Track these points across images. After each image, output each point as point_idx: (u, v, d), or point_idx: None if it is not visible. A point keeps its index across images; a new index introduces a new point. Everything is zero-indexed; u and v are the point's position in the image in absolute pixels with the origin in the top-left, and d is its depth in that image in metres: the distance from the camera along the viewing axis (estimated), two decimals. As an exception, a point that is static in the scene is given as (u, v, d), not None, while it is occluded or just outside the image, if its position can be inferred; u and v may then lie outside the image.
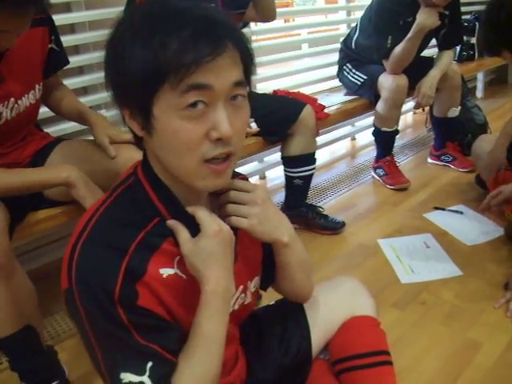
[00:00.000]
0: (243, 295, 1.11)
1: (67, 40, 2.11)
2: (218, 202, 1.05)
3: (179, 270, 0.95)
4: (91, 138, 1.80)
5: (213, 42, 0.82)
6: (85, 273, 0.87)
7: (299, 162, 2.52)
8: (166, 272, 0.92)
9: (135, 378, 0.87)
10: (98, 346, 0.89)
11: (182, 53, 0.81)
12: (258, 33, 3.30)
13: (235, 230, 1.03)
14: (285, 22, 4.70)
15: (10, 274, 1.48)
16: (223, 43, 0.84)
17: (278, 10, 2.67)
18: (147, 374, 0.87)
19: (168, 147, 0.88)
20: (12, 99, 1.61)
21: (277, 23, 3.77)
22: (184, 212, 0.96)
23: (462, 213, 2.74)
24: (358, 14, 3.51)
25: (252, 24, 3.14)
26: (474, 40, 4.66)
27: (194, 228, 0.95)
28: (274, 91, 2.91)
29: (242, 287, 1.09)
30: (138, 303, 0.87)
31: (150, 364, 0.88)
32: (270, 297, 1.37)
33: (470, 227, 2.59)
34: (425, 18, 2.79)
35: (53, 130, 2.11)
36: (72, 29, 2.35)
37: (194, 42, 0.81)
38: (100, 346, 0.89)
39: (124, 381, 0.87)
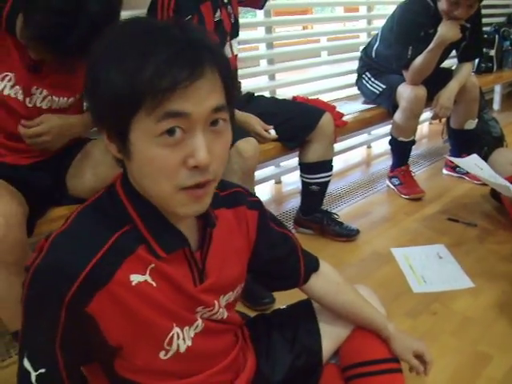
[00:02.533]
0: (221, 309, 1.08)
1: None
2: None
3: (150, 278, 0.93)
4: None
5: (190, 67, 0.79)
6: (47, 263, 0.87)
7: (316, 169, 2.54)
8: (136, 279, 0.91)
9: (29, 368, 0.90)
10: (24, 322, 0.92)
11: (157, 78, 0.77)
12: (277, 39, 3.32)
13: (207, 249, 1.03)
14: (303, 29, 4.71)
15: None
16: (201, 67, 0.80)
17: (299, 16, 2.69)
18: (36, 374, 0.90)
19: (144, 173, 0.86)
20: (45, 91, 1.66)
21: (296, 29, 3.80)
22: (163, 222, 0.95)
23: (476, 225, 2.75)
24: (379, 23, 3.52)
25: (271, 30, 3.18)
26: (492, 52, 4.65)
27: (175, 238, 0.96)
28: (294, 97, 2.93)
29: (217, 302, 1.07)
30: (86, 309, 0.86)
31: (43, 370, 0.90)
32: (282, 300, 1.39)
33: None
34: (446, 31, 2.81)
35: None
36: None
37: (169, 66, 0.78)
38: (24, 323, 0.92)
39: (24, 363, 0.91)
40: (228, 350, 1.15)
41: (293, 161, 3.12)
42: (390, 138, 3.24)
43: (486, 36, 4.61)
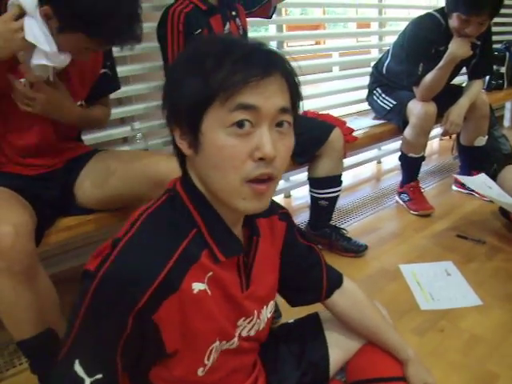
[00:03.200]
0: (258, 320, 1.12)
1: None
2: None
3: (207, 286, 0.96)
4: (125, 148, 1.84)
5: (262, 65, 0.87)
6: (119, 269, 0.88)
7: (325, 184, 2.54)
8: (197, 287, 0.94)
9: (82, 374, 0.89)
10: (78, 329, 0.90)
11: (232, 73, 0.85)
12: (288, 53, 3.34)
13: (254, 254, 1.08)
14: (315, 43, 4.74)
15: (34, 277, 1.51)
16: (271, 67, 0.88)
17: (310, 32, 2.72)
18: (92, 379, 0.89)
19: (213, 163, 0.90)
20: None
21: (308, 43, 3.82)
22: (224, 227, 0.98)
23: (484, 242, 2.74)
24: (390, 39, 3.54)
25: (284, 45, 3.20)
26: (503, 69, 4.65)
27: (234, 244, 1.00)
28: (304, 112, 2.94)
29: (256, 312, 1.10)
30: (153, 317, 0.88)
31: (99, 376, 0.90)
32: (288, 315, 1.39)
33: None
34: (457, 48, 2.82)
35: (87, 138, 2.17)
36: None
37: (244, 64, 0.86)
38: (80, 330, 0.90)
39: (75, 368, 0.89)
40: (249, 370, 1.18)
41: (302, 175, 3.12)
42: (399, 153, 3.25)
43: (496, 53, 4.62)
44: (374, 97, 3.36)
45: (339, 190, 2.59)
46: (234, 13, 2.35)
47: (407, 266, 2.52)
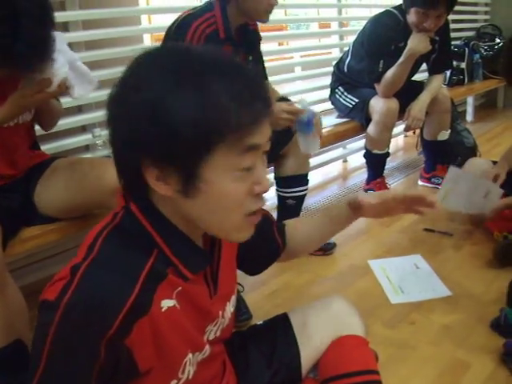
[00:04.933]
0: (222, 320, 1.09)
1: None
2: None
3: (176, 302, 0.91)
4: (87, 155, 1.81)
5: (264, 101, 0.83)
6: (84, 296, 0.80)
7: (292, 183, 2.54)
8: (166, 304, 0.89)
9: None
10: (46, 363, 0.82)
11: (241, 112, 0.78)
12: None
13: (218, 258, 1.05)
14: (279, 45, 4.75)
15: (2, 287, 1.49)
16: (267, 99, 0.84)
17: (273, 33, 2.72)
18: None
19: (213, 209, 0.85)
20: None
21: (271, 46, 3.83)
22: (188, 244, 0.93)
23: (452, 234, 2.77)
24: (351, 39, 3.56)
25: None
26: (463, 65, 4.75)
27: (200, 258, 0.96)
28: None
29: (221, 312, 1.08)
30: (125, 341, 0.82)
31: None
32: (259, 316, 1.38)
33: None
34: (416, 43, 2.86)
35: (48, 148, 2.13)
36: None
37: (251, 101, 0.80)
38: (48, 364, 0.82)
39: None
40: (220, 374, 1.16)
41: (268, 176, 3.11)
42: (364, 151, 3.26)
43: (456, 49, 4.72)
44: (337, 95, 3.38)
45: (306, 189, 2.59)
46: (250, 57, 2.39)
47: (376, 262, 2.53)
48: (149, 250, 0.88)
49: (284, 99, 2.51)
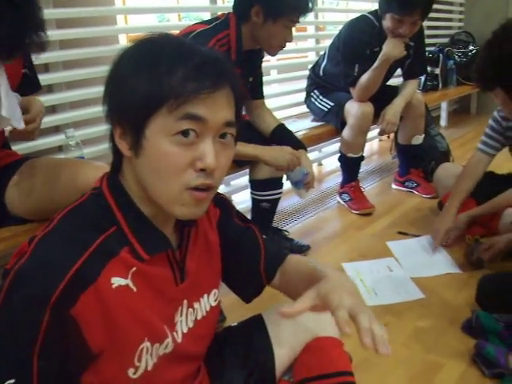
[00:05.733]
0: (194, 310, 1.11)
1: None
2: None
3: (131, 282, 0.95)
4: (60, 156, 1.79)
5: (214, 77, 0.88)
6: (31, 263, 0.87)
7: (267, 186, 2.53)
8: (116, 282, 0.92)
9: None
10: None
11: (184, 81, 0.86)
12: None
13: (186, 248, 1.07)
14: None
15: None
16: (222, 81, 0.90)
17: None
18: None
19: (154, 169, 0.91)
20: None
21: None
22: (147, 225, 0.98)
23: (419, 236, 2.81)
24: (327, 43, 3.58)
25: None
26: (437, 71, 4.82)
27: (159, 241, 0.99)
28: (242, 115, 2.93)
29: (186, 301, 1.08)
30: (70, 311, 0.86)
31: (12, 381, 0.84)
32: (233, 318, 1.37)
33: (427, 261, 2.57)
34: (391, 49, 2.88)
35: (21, 148, 2.10)
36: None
37: (197, 73, 0.87)
38: None
39: None
40: (189, 379, 1.15)
41: (243, 179, 3.12)
42: (339, 154, 3.28)
43: (430, 55, 4.78)
44: (312, 99, 3.39)
45: (281, 192, 2.59)
46: (251, 79, 2.42)
47: (350, 265, 2.54)
48: (104, 228, 0.94)
49: (283, 127, 2.55)
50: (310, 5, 2.17)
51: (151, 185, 0.93)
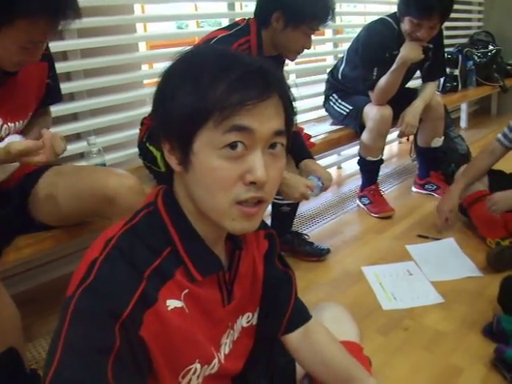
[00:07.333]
0: (232, 331, 1.09)
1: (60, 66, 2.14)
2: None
3: (184, 304, 0.93)
4: (82, 163, 1.81)
5: (261, 87, 0.85)
6: (97, 285, 0.85)
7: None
8: (172, 304, 0.91)
9: None
10: (62, 352, 0.80)
11: (229, 93, 0.83)
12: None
13: (235, 270, 1.06)
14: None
15: None
16: (269, 90, 0.86)
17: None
18: None
19: (203, 184, 0.89)
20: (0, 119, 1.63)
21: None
22: (201, 245, 0.97)
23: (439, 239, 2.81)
24: (345, 46, 3.58)
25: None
26: (457, 72, 4.77)
27: (212, 262, 0.98)
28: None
29: (230, 324, 1.08)
30: (140, 332, 0.85)
31: None
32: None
33: (447, 265, 2.57)
34: (408, 52, 2.88)
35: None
36: (65, 56, 2.40)
37: (242, 84, 0.84)
38: (64, 351, 0.80)
39: None
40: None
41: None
42: (358, 158, 3.29)
43: (449, 56, 4.74)
44: (331, 103, 3.39)
45: (301, 196, 2.59)
46: None
47: (370, 268, 2.55)
48: (160, 248, 0.93)
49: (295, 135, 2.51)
50: (331, 14, 2.17)
51: (201, 200, 0.91)
